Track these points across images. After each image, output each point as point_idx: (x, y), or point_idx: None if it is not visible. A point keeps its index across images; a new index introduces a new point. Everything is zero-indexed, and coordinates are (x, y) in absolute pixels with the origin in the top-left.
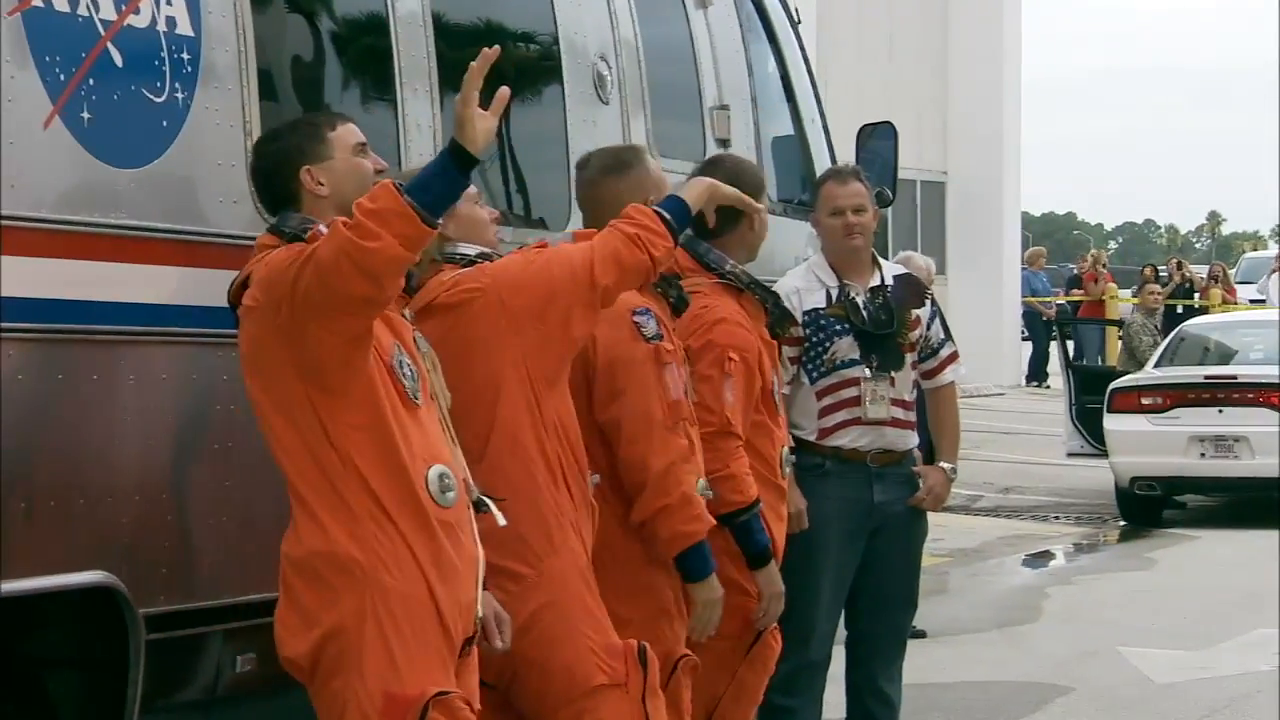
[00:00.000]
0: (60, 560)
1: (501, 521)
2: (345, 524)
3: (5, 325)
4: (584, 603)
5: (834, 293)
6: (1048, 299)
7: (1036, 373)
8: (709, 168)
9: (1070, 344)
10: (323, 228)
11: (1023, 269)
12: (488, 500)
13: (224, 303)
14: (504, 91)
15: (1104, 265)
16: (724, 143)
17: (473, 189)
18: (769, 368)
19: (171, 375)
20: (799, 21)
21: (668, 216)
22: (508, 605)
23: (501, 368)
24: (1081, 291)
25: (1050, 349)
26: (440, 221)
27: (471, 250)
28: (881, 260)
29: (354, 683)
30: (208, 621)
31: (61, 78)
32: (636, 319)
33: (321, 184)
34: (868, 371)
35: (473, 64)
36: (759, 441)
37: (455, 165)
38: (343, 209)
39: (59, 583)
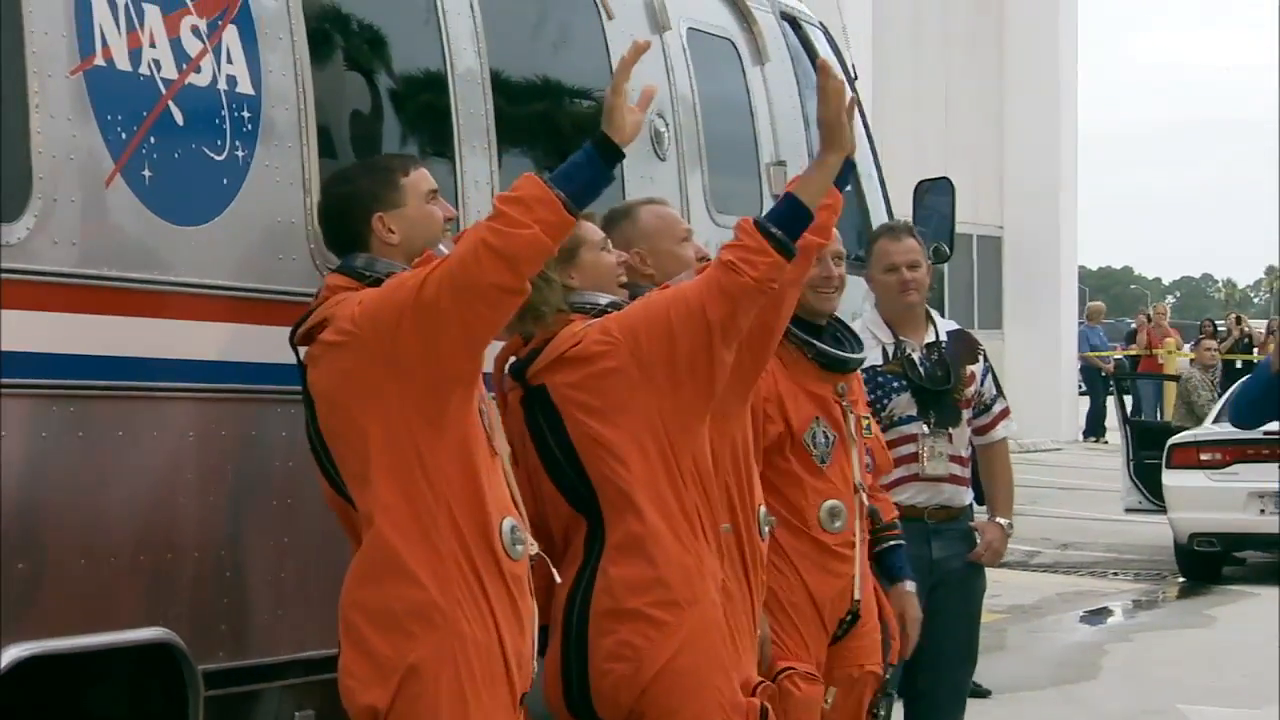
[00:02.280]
0: (119, 616)
1: (558, 579)
2: (430, 566)
3: (67, 383)
4: (719, 655)
5: (890, 350)
6: (1105, 354)
7: (1094, 428)
8: None
9: (1128, 399)
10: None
11: (1080, 324)
12: (545, 557)
13: (285, 360)
14: (650, 89)
15: (1165, 317)
16: None
17: (600, 234)
18: (803, 417)
19: (231, 432)
20: (855, 77)
21: (771, 229)
22: (647, 651)
23: (639, 425)
24: (1139, 346)
25: (1108, 404)
26: (580, 213)
27: (602, 299)
28: (935, 316)
29: None
30: (266, 678)
31: (123, 136)
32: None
33: (393, 231)
34: (926, 428)
35: (625, 54)
36: (787, 489)
37: (601, 156)
38: (411, 257)
39: (118, 639)
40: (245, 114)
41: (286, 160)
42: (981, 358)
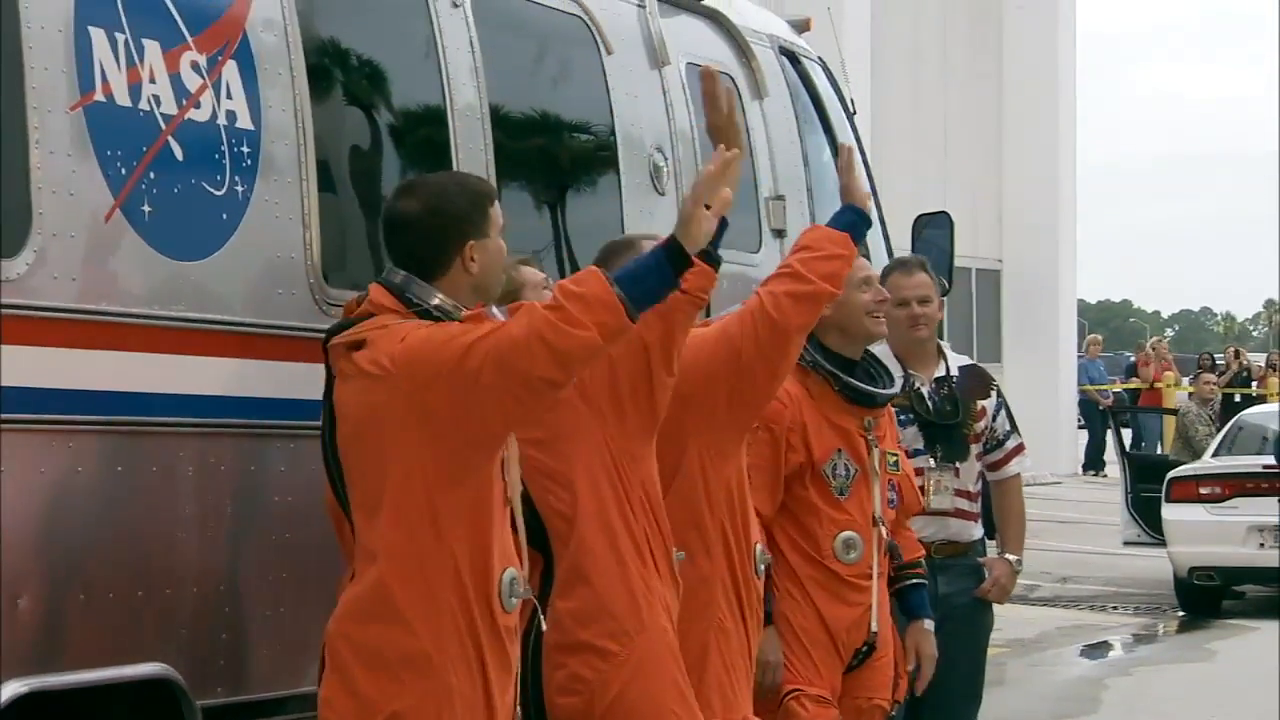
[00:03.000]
0: (118, 652)
1: (544, 627)
2: (426, 618)
3: (66, 418)
4: (673, 680)
5: (899, 383)
6: (1104, 387)
7: (1093, 461)
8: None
9: (1129, 432)
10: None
11: (1079, 357)
12: (535, 600)
13: (285, 395)
14: (726, 194)
15: (1167, 355)
16: (780, 233)
17: (540, 275)
18: (824, 448)
19: (230, 467)
20: (854, 112)
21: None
22: (596, 683)
23: (586, 455)
24: (1139, 379)
25: (1107, 437)
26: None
27: None
28: (947, 351)
29: None
30: (265, 713)
31: (123, 171)
32: None
33: (474, 260)
34: (932, 462)
35: (711, 167)
36: (804, 517)
37: (670, 264)
38: (479, 291)
39: (117, 674)
40: (245, 149)
41: (286, 195)
42: (995, 393)
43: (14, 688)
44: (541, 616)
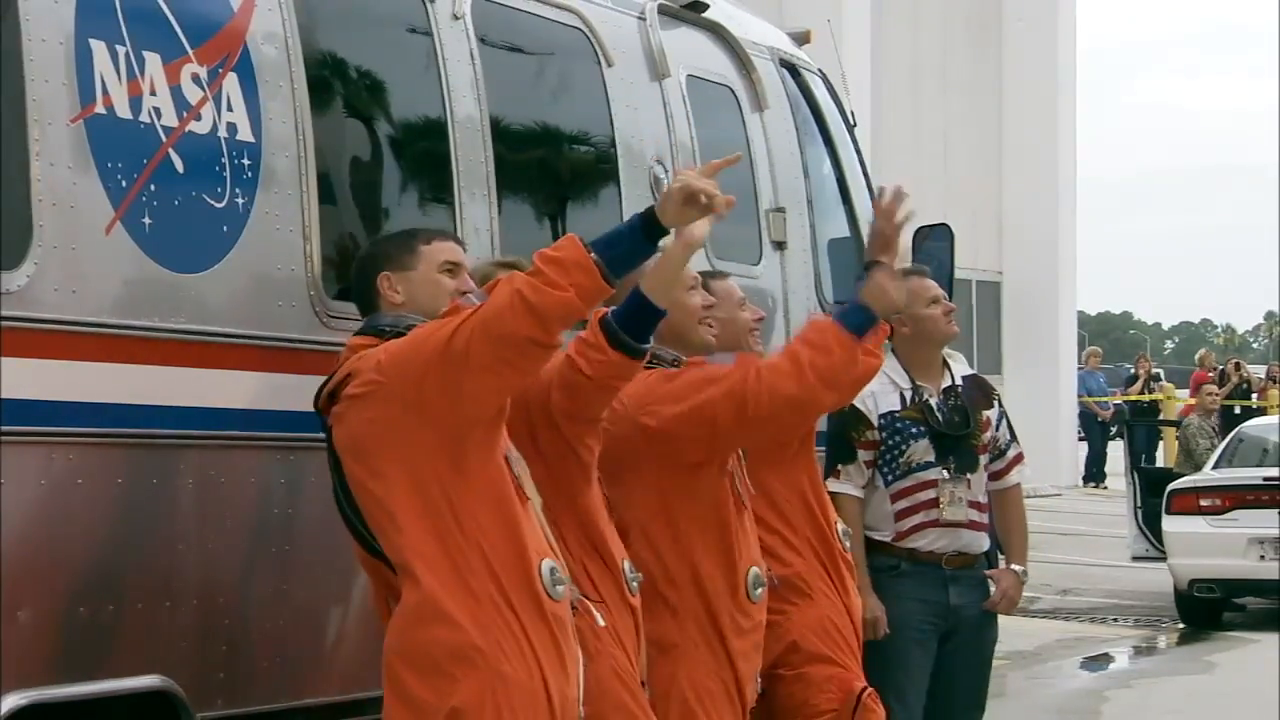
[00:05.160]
0: (118, 664)
1: (601, 621)
2: (468, 609)
3: (67, 430)
4: (622, 705)
5: (908, 395)
6: (1103, 399)
7: (1093, 473)
8: None
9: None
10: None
11: (1079, 369)
12: (586, 600)
13: (284, 407)
14: (728, 199)
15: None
16: (780, 245)
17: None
18: None
19: (230, 479)
20: (854, 124)
21: (614, 328)
22: None
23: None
24: (1135, 391)
25: (1107, 449)
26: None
27: None
28: (951, 361)
29: None
30: None
31: (123, 184)
32: (651, 367)
33: (397, 291)
34: (946, 473)
35: (715, 160)
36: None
37: (644, 231)
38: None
39: (117, 687)
40: (245, 161)
41: (286, 207)
42: (997, 403)
43: (14, 700)
44: (598, 616)
